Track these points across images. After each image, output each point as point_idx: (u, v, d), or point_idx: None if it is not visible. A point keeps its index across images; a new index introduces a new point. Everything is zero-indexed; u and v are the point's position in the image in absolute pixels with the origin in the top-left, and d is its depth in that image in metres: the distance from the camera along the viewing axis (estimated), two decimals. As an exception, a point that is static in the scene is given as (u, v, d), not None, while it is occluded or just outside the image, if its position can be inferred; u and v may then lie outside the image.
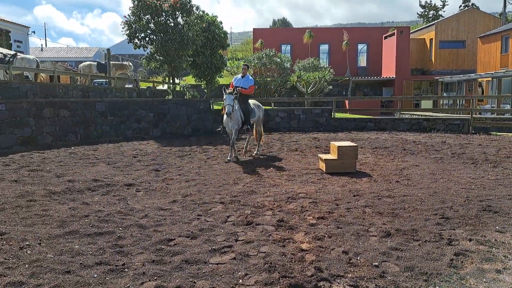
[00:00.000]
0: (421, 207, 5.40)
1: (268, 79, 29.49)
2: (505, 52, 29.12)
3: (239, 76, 9.81)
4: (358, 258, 3.78)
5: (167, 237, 4.35)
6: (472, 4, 55.88)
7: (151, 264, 3.67)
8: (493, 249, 3.99)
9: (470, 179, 7.11)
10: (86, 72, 20.67)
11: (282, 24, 75.40)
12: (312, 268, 3.55)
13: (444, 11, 58.40)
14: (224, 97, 8.96)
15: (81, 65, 22.58)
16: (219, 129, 9.88)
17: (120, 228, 4.61)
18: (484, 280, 3.36)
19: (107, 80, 21.37)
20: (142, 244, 4.15)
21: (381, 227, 4.62)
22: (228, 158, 9.22)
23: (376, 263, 3.67)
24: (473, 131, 15.23)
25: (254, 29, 41.72)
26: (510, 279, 3.36)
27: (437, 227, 4.64)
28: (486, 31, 33.72)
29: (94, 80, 23.42)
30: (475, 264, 3.64)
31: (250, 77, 9.88)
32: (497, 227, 4.61)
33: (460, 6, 56.69)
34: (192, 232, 4.49)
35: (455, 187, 6.55)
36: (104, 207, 5.50)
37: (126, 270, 3.55)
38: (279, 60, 29.36)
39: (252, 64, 29.28)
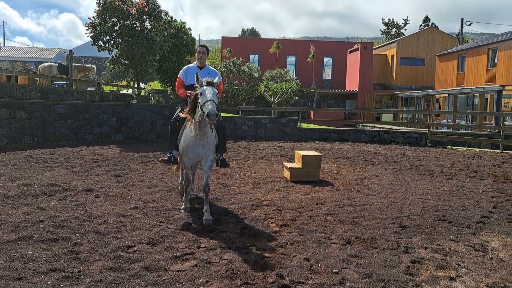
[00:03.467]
0: (380, 216, 5.55)
1: (236, 87, 29.56)
2: (461, 71, 30.72)
3: (192, 65, 5.87)
4: (319, 265, 3.83)
5: (127, 243, 4.23)
6: (432, 24, 58.76)
7: (108, 271, 3.55)
8: (447, 257, 4.15)
9: (427, 190, 7.39)
10: (46, 73, 19.90)
11: (251, 34, 76.01)
12: (273, 275, 3.56)
13: (405, 29, 61.11)
14: (201, 90, 4.67)
15: (41, 65, 21.71)
16: (166, 158, 5.50)
17: (77, 234, 4.44)
18: (438, 287, 3.49)
19: (68, 82, 20.67)
20: (99, 250, 4.02)
21: (341, 234, 4.71)
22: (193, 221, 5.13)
23: (336, 270, 3.73)
24: (430, 144, 15.88)
25: (222, 37, 41.75)
26: (463, 286, 3.50)
27: (394, 235, 4.78)
28: (444, 50, 35.51)
29: (55, 82, 22.61)
30: (430, 272, 3.78)
31: (213, 69, 6.02)
32: (451, 236, 4.81)
33: (421, 25, 59.44)
34: (153, 239, 4.40)
35: (412, 197, 6.79)
36: (60, 212, 5.28)
37: (82, 277, 3.42)
38: (247, 69, 29.51)
39: (219, 73, 29.30)
